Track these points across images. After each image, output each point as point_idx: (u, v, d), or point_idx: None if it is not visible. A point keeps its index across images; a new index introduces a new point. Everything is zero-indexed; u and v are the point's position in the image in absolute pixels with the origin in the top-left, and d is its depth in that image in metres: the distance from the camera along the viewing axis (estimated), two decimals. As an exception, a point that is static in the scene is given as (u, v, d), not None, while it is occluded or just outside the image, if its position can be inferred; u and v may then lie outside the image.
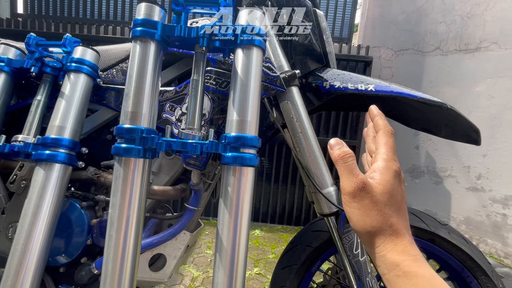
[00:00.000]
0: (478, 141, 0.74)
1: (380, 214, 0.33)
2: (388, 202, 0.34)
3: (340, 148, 0.38)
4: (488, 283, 0.70)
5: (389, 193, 0.34)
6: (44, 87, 0.70)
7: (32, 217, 0.56)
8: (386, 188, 0.34)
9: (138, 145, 0.49)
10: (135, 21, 0.53)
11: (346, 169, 0.36)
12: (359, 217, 0.34)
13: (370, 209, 0.33)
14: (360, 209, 0.34)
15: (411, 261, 0.31)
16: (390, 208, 0.34)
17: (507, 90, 2.38)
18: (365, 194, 0.34)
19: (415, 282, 0.29)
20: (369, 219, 0.33)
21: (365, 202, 0.34)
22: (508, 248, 2.33)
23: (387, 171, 0.35)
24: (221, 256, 0.49)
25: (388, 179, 0.34)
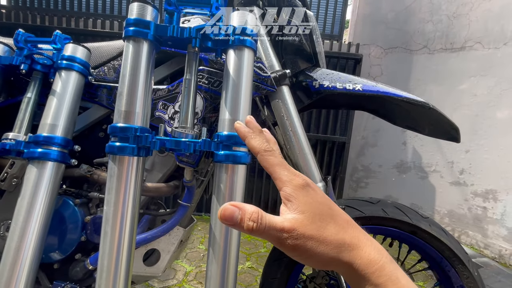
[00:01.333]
0: (458, 138, 0.78)
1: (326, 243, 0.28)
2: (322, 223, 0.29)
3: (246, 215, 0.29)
4: (464, 272, 0.75)
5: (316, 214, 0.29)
6: (34, 85, 0.69)
7: (25, 215, 0.56)
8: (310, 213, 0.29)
9: (132, 144, 0.50)
10: (127, 21, 0.53)
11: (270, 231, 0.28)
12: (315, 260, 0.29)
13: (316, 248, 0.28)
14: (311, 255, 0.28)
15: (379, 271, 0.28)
16: (330, 227, 0.29)
17: (489, 89, 2.47)
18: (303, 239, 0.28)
19: None
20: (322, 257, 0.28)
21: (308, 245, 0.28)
22: (488, 239, 2.45)
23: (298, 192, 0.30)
24: (214, 250, 0.51)
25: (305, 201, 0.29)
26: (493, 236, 2.42)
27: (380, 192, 3.02)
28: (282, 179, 0.31)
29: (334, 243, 0.28)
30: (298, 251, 0.28)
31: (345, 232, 0.30)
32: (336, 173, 2.86)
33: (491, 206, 2.45)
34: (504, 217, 2.37)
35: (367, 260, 0.29)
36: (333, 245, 0.28)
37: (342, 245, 0.29)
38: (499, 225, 2.39)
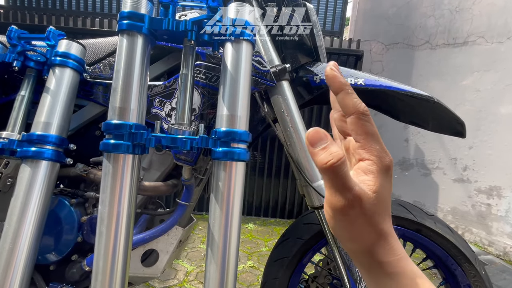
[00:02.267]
0: (463, 133, 0.76)
1: (371, 226, 0.29)
2: (380, 210, 0.29)
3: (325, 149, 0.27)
4: (471, 270, 0.73)
5: (383, 200, 0.29)
6: (28, 82, 0.68)
7: (19, 215, 0.55)
8: (380, 196, 0.29)
9: (127, 141, 0.49)
10: (121, 14, 0.51)
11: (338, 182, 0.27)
12: (350, 234, 0.29)
13: (363, 225, 0.28)
14: (350, 224, 0.29)
15: (396, 261, 0.28)
16: (380, 215, 0.29)
17: (493, 84, 2.44)
18: (359, 211, 0.28)
19: (399, 282, 0.28)
20: (361, 236, 0.29)
21: (358, 220, 0.28)
22: (492, 236, 2.43)
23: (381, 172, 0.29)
24: (213, 250, 0.49)
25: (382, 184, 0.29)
26: (497, 233, 2.40)
27: (382, 189, 3.00)
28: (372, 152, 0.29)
29: (376, 228, 0.29)
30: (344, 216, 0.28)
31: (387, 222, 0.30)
32: (338, 171, 2.84)
33: (495, 203, 2.42)
34: (509, 214, 2.34)
35: (388, 251, 0.29)
36: (374, 229, 0.29)
37: (380, 232, 0.29)
38: (504, 222, 2.37)
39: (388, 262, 0.28)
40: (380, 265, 0.29)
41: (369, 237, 0.29)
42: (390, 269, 0.28)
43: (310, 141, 0.28)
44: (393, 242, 0.29)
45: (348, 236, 0.30)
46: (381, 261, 0.29)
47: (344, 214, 0.28)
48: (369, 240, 0.29)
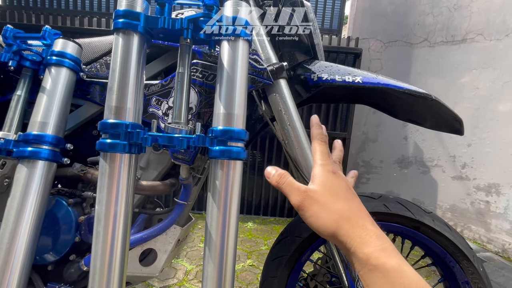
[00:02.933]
0: (461, 131, 0.76)
1: (330, 213, 0.35)
2: (333, 199, 0.36)
3: (275, 174, 0.41)
4: (469, 267, 0.73)
5: (330, 192, 0.36)
6: (24, 82, 0.68)
7: (16, 216, 0.54)
8: (325, 188, 0.37)
9: (123, 140, 0.48)
10: (116, 12, 0.51)
11: (288, 187, 0.39)
12: (317, 223, 0.35)
13: (319, 212, 0.35)
14: (313, 215, 0.36)
15: (379, 251, 0.31)
16: (338, 204, 0.36)
17: (491, 81, 2.44)
18: (310, 201, 0.36)
19: (386, 274, 0.30)
20: (325, 221, 0.35)
21: (314, 208, 0.36)
22: (491, 233, 2.44)
23: (322, 174, 0.38)
24: (211, 249, 0.49)
25: (324, 180, 0.37)
26: (496, 230, 2.41)
27: (381, 187, 3.01)
28: (317, 162, 0.40)
29: (337, 215, 0.35)
30: (304, 209, 0.36)
31: (356, 213, 0.35)
32: (337, 169, 2.84)
33: (494, 200, 2.43)
34: (507, 211, 2.35)
35: (367, 242, 0.32)
36: (335, 215, 0.35)
37: (347, 219, 0.34)
38: (502, 219, 2.37)
39: (371, 253, 0.31)
40: (367, 257, 0.32)
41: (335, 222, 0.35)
42: (374, 260, 0.31)
43: (267, 175, 0.43)
44: (371, 232, 0.33)
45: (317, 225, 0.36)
46: (364, 252, 0.32)
47: (301, 208, 0.37)
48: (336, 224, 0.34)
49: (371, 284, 0.31)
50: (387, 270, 0.30)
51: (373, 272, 0.31)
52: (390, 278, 0.29)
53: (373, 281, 0.31)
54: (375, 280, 0.30)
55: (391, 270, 0.30)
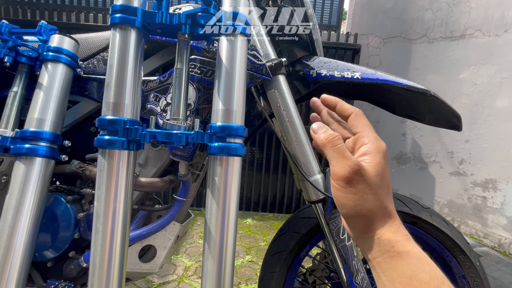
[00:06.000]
0: (459, 126, 0.76)
1: (375, 197, 0.32)
2: (381, 184, 0.33)
3: (326, 131, 0.35)
4: (466, 262, 0.74)
5: (382, 175, 0.33)
6: (20, 78, 0.67)
7: (14, 213, 0.54)
8: (379, 170, 0.33)
9: (121, 137, 0.48)
10: (113, 7, 0.50)
11: (337, 153, 0.33)
12: (355, 202, 0.32)
13: (366, 193, 0.32)
14: (356, 193, 0.32)
15: (404, 240, 0.31)
16: (384, 190, 0.33)
17: (489, 77, 2.45)
18: (360, 178, 0.32)
19: (409, 262, 0.29)
20: (366, 203, 0.32)
21: (360, 186, 0.32)
22: (487, 228, 2.46)
23: (377, 153, 0.34)
24: (210, 245, 0.49)
25: (379, 161, 0.33)
26: (492, 225, 2.43)
27: (379, 183, 3.02)
28: (370, 138, 0.35)
29: (380, 201, 0.32)
30: (350, 183, 0.32)
31: (390, 202, 0.34)
32: (336, 166, 2.85)
33: (490, 196, 2.45)
34: (504, 206, 2.37)
35: (395, 230, 0.32)
36: (378, 201, 0.32)
37: (385, 208, 0.32)
38: (499, 214, 2.40)
39: (397, 241, 0.31)
40: (391, 243, 0.31)
41: (376, 209, 0.32)
42: (399, 247, 0.30)
43: (314, 130, 0.37)
44: (398, 223, 0.32)
45: (354, 204, 0.32)
46: (391, 239, 0.31)
47: (348, 180, 0.32)
48: (375, 212, 0.32)
49: (389, 270, 0.30)
50: (410, 258, 0.30)
51: (395, 259, 0.30)
52: (412, 266, 0.29)
53: (392, 267, 0.30)
54: (395, 267, 0.30)
55: (414, 257, 0.30)
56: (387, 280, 0.30)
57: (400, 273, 0.29)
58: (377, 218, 0.32)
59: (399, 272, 0.30)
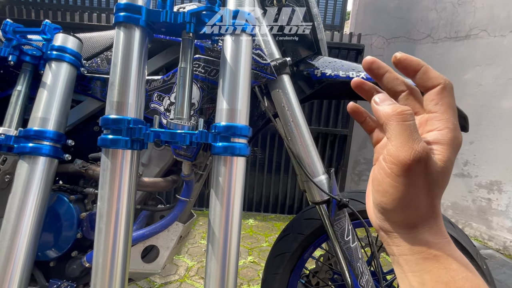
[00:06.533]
0: (466, 127, 0.75)
1: (428, 196, 0.27)
2: (442, 183, 0.27)
3: (393, 104, 0.28)
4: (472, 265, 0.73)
5: (447, 174, 0.27)
6: (24, 77, 0.67)
7: (17, 212, 0.54)
8: (447, 168, 0.27)
9: (125, 136, 0.48)
10: (117, 6, 0.50)
11: (406, 131, 0.26)
12: (403, 195, 0.27)
13: (421, 189, 0.27)
14: (410, 186, 0.26)
15: (444, 243, 0.27)
16: (440, 190, 0.28)
17: (495, 78, 2.42)
18: (422, 170, 0.26)
19: (448, 266, 0.26)
20: (415, 200, 0.27)
21: (418, 179, 0.26)
22: (492, 231, 2.43)
23: (451, 146, 0.27)
24: (214, 246, 0.49)
25: (451, 156, 0.27)
26: (497, 227, 2.40)
27: (382, 184, 3.00)
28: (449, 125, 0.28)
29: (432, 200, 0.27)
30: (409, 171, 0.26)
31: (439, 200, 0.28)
32: (338, 166, 2.84)
33: (495, 198, 2.42)
34: (509, 209, 2.34)
35: (435, 231, 0.28)
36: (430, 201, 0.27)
37: (433, 208, 0.28)
38: (504, 217, 2.37)
39: (436, 243, 0.27)
40: (428, 245, 0.27)
41: (423, 208, 0.27)
42: (437, 250, 0.27)
43: (376, 102, 0.29)
44: (441, 224, 0.28)
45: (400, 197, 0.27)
46: (428, 240, 0.27)
47: (407, 168, 0.26)
48: (423, 211, 0.27)
49: (421, 271, 0.27)
50: (449, 262, 0.26)
51: (429, 261, 0.27)
52: (451, 271, 0.26)
53: (425, 269, 0.27)
54: (428, 269, 0.27)
55: (454, 263, 0.26)
56: (416, 282, 0.27)
57: (435, 277, 0.26)
58: (421, 217, 0.28)
59: (434, 276, 0.26)
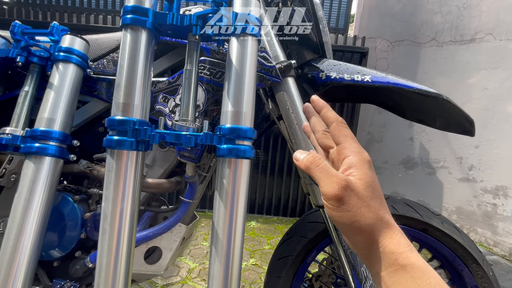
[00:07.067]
0: (472, 131, 0.75)
1: (369, 210, 0.32)
2: (373, 195, 0.32)
3: (306, 155, 0.36)
4: (478, 271, 0.72)
5: (371, 186, 0.33)
6: (31, 78, 0.67)
7: (22, 212, 0.55)
8: (367, 182, 0.32)
9: (130, 137, 0.48)
10: (125, 8, 0.51)
11: (322, 172, 0.34)
12: (351, 219, 0.32)
13: (360, 207, 0.31)
14: (350, 210, 0.31)
15: (408, 252, 0.30)
16: (376, 201, 0.32)
17: (500, 82, 2.40)
18: (350, 193, 0.32)
19: (413, 275, 0.29)
20: (362, 218, 0.31)
21: (352, 201, 0.32)
22: (498, 236, 2.40)
23: (362, 164, 0.33)
24: (217, 248, 0.49)
25: (366, 172, 0.33)
26: (503, 233, 2.37)
27: (386, 188, 2.98)
28: (352, 149, 0.35)
29: (375, 213, 0.32)
30: (341, 201, 0.32)
31: (386, 212, 0.33)
32: (341, 169, 2.82)
33: (501, 203, 2.39)
34: (515, 214, 2.31)
35: (397, 242, 0.31)
36: (373, 214, 0.32)
37: (381, 219, 0.32)
38: (510, 222, 2.34)
39: (400, 253, 0.30)
40: (395, 256, 0.30)
41: (374, 222, 0.31)
42: (403, 260, 0.30)
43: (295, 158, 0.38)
44: (399, 234, 0.32)
45: (350, 221, 0.32)
46: (394, 251, 0.30)
47: (339, 199, 0.32)
48: (374, 224, 0.31)
49: (394, 284, 0.30)
50: (414, 271, 0.29)
51: (399, 272, 0.29)
52: (417, 279, 0.28)
53: (397, 281, 0.29)
54: (399, 281, 0.29)
55: (419, 270, 0.29)
56: None
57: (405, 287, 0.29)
58: (376, 231, 0.31)
59: (403, 287, 0.29)
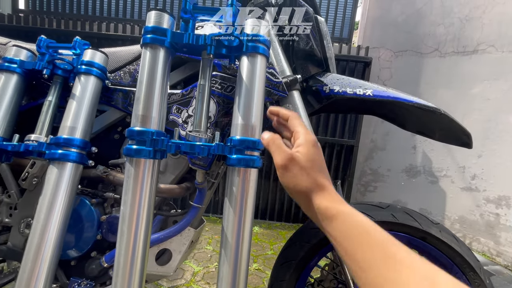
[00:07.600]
0: (469, 144, 0.78)
1: (308, 177, 0.42)
2: (312, 166, 0.43)
3: (269, 136, 0.48)
4: (476, 279, 0.74)
5: (312, 160, 0.44)
6: (55, 88, 0.73)
7: (46, 213, 0.59)
8: (309, 156, 0.44)
9: (148, 147, 0.52)
10: (145, 29, 0.56)
11: (275, 147, 0.46)
12: (294, 183, 0.43)
13: (301, 174, 0.43)
14: (293, 177, 0.43)
15: (337, 204, 0.40)
16: (315, 170, 0.43)
17: (503, 93, 2.42)
18: (294, 164, 0.43)
19: (343, 219, 0.38)
20: (301, 182, 0.42)
21: (295, 170, 0.43)
22: (500, 246, 2.39)
23: (307, 143, 0.45)
24: (226, 251, 0.52)
25: (309, 149, 0.44)
26: (506, 243, 2.36)
27: (388, 196, 2.99)
28: (301, 133, 0.47)
29: (312, 179, 0.43)
30: (286, 169, 0.44)
31: (323, 178, 0.44)
32: (344, 177, 2.85)
33: (504, 213, 2.39)
34: (518, 224, 2.31)
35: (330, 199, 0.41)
36: (311, 180, 0.43)
37: (317, 183, 0.43)
38: (513, 233, 2.33)
39: (333, 207, 0.40)
40: (325, 209, 0.40)
41: (310, 185, 0.42)
42: (332, 211, 0.39)
43: (262, 137, 0.51)
44: (332, 193, 0.42)
45: (293, 184, 0.43)
46: (327, 206, 0.40)
47: (286, 168, 0.44)
48: (310, 187, 0.42)
49: (332, 232, 0.38)
50: (344, 216, 0.38)
51: (333, 221, 0.39)
52: (346, 222, 0.38)
53: (334, 228, 0.38)
54: (335, 228, 0.38)
55: (346, 214, 0.38)
56: (334, 240, 0.38)
57: (338, 231, 0.38)
58: (313, 192, 0.42)
59: (337, 231, 0.38)
